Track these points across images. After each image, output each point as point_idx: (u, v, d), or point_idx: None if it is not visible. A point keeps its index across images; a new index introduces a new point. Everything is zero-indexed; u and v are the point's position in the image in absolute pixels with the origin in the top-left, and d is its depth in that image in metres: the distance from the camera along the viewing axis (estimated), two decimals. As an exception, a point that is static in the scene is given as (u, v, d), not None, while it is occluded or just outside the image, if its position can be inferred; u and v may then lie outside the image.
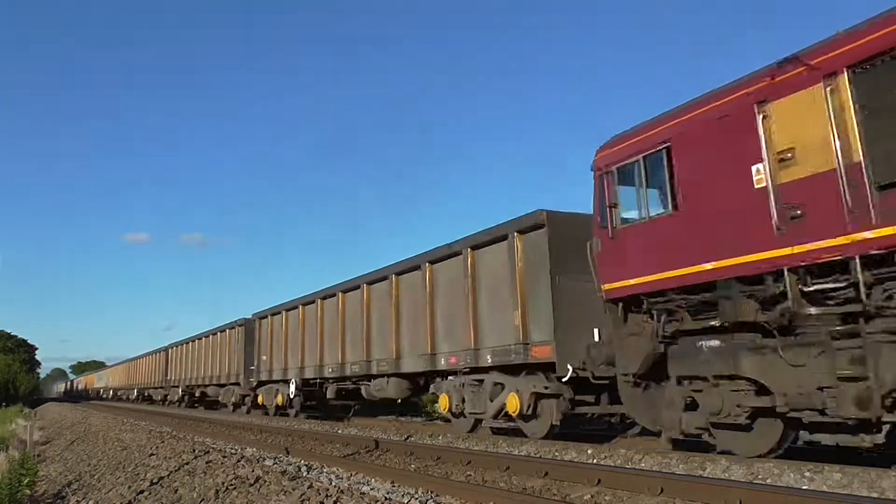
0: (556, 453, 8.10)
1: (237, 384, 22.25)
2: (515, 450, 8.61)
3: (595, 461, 7.39)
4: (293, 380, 17.41)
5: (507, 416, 9.79)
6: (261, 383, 20.08)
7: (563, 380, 8.79)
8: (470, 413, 10.66)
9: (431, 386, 12.10)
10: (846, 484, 5.35)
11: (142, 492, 6.70)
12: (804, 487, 5.40)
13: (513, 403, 9.42)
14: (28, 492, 7.49)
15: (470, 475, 7.02)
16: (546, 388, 9.11)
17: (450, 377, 11.35)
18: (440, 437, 10.70)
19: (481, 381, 10.43)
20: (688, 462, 6.70)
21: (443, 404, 11.22)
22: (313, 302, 16.99)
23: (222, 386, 24.24)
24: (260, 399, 19.96)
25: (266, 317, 20.28)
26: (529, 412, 9.34)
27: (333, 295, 15.94)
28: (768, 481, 5.73)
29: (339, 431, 12.82)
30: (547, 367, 9.09)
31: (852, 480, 5.38)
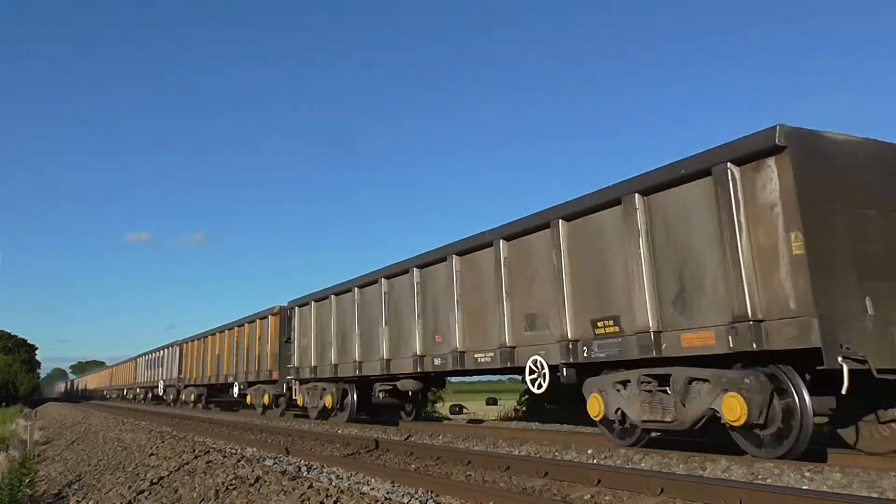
0: (556, 453, 8.10)
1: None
2: (515, 450, 8.62)
3: (595, 461, 7.39)
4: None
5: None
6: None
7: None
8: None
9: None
10: (846, 484, 5.35)
11: (142, 492, 6.70)
12: (804, 487, 5.40)
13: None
14: (28, 492, 7.49)
15: (470, 475, 7.02)
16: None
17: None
18: (440, 437, 10.71)
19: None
20: (688, 462, 6.70)
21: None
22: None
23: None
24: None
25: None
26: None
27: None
28: (768, 481, 5.73)
29: (339, 431, 12.82)
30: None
31: (852, 480, 5.38)
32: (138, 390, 41.63)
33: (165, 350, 33.81)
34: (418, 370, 11.67)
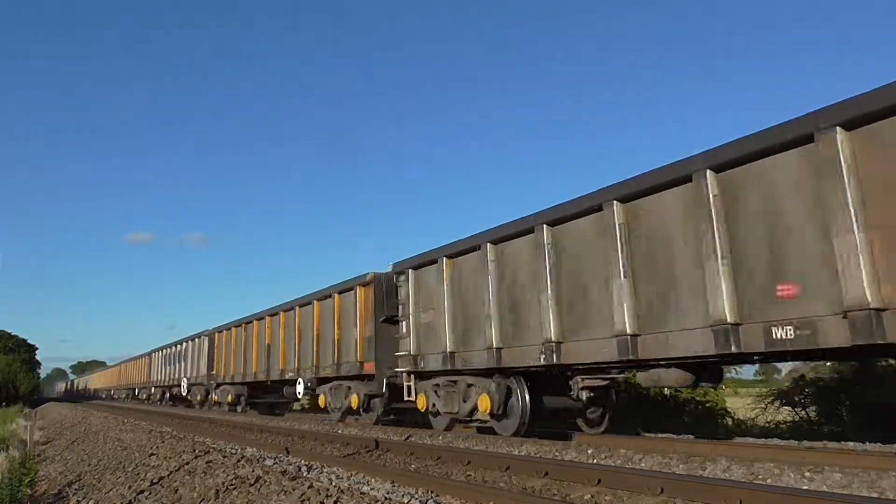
0: (556, 453, 8.10)
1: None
2: (515, 450, 8.62)
3: (595, 461, 7.40)
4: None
5: None
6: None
7: None
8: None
9: None
10: (846, 484, 5.36)
11: (142, 492, 6.70)
12: (804, 487, 5.40)
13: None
14: (28, 491, 7.49)
15: (470, 475, 7.02)
16: None
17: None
18: (440, 437, 10.70)
19: None
20: (688, 462, 6.71)
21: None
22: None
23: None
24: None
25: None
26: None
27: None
28: (768, 481, 5.74)
29: (339, 431, 12.82)
30: None
31: (852, 480, 5.39)
32: (153, 390, 36.70)
33: (190, 342, 28.27)
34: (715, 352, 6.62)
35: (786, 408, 12.69)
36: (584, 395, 9.37)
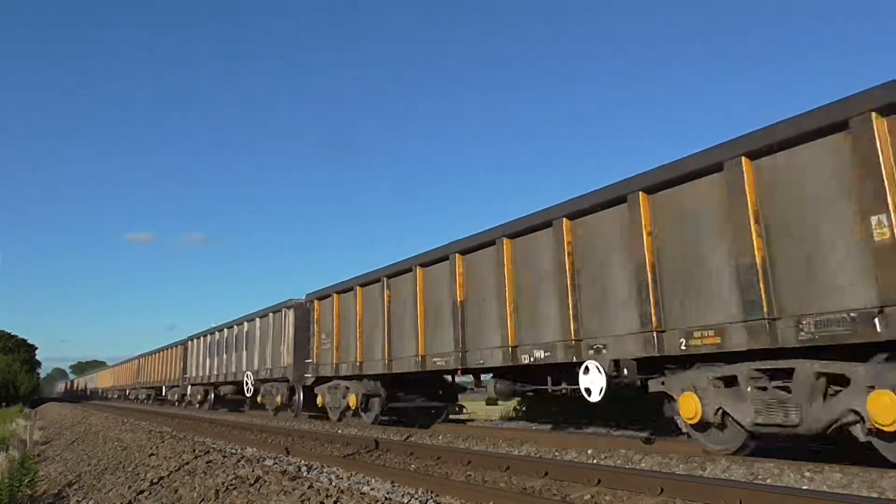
0: (556, 453, 8.10)
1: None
2: (515, 450, 8.62)
3: (595, 461, 7.39)
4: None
5: None
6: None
7: None
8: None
9: None
10: (846, 484, 5.35)
11: (142, 492, 6.70)
12: (804, 487, 5.40)
13: None
14: (28, 491, 7.49)
15: (470, 475, 7.02)
16: None
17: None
18: (440, 437, 10.70)
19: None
20: (688, 462, 6.70)
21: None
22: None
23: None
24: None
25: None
26: None
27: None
28: (768, 481, 5.73)
29: (339, 431, 12.82)
30: None
31: (852, 480, 5.38)
32: (190, 389, 28.13)
33: (260, 319, 19.98)
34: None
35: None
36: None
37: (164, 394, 34.64)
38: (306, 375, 16.55)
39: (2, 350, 67.65)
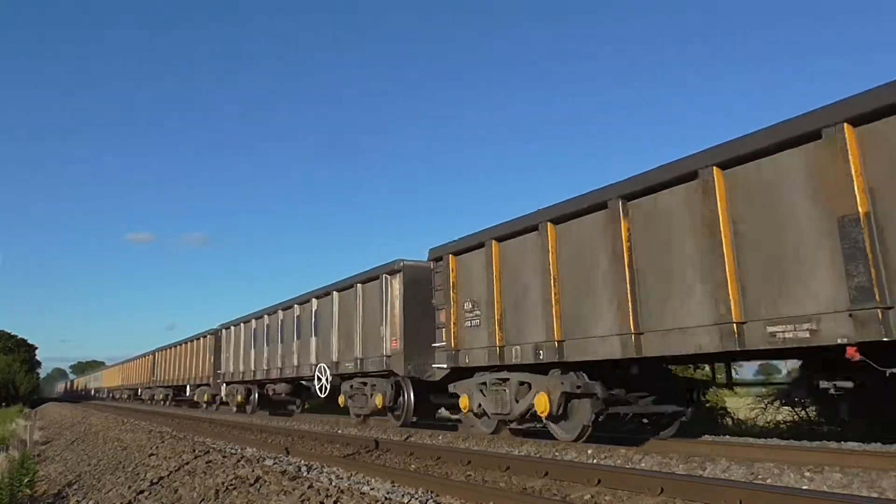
0: (556, 453, 8.10)
1: None
2: (515, 450, 8.62)
3: (595, 461, 7.39)
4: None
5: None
6: None
7: None
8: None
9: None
10: (846, 484, 5.35)
11: (142, 492, 6.70)
12: (804, 487, 5.40)
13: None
14: (28, 491, 7.49)
15: (470, 475, 7.02)
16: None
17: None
18: (440, 437, 10.70)
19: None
20: (688, 462, 6.70)
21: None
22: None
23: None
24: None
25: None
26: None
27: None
28: (768, 481, 5.73)
29: (339, 431, 12.83)
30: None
31: (852, 480, 5.38)
32: (226, 389, 22.79)
33: (338, 293, 15.22)
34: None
35: (786, 408, 12.69)
36: None
37: (187, 394, 29.19)
38: (433, 366, 11.52)
39: (2, 350, 67.65)
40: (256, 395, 20.74)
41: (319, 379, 15.14)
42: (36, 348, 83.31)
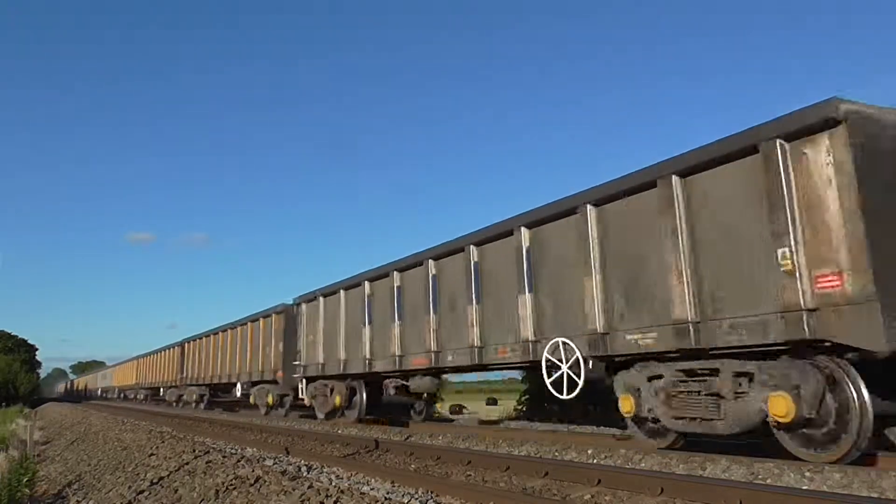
0: (556, 453, 8.10)
1: None
2: (515, 450, 8.61)
3: (595, 461, 7.39)
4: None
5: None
6: None
7: None
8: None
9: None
10: (846, 484, 5.35)
11: (142, 492, 6.70)
12: (804, 487, 5.40)
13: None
14: (28, 491, 7.49)
15: (470, 475, 7.02)
16: None
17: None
18: (440, 437, 10.70)
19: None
20: (688, 462, 6.70)
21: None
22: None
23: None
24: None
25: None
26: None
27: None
28: (768, 481, 5.73)
29: (339, 431, 12.82)
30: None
31: (852, 480, 5.38)
32: (317, 389, 15.60)
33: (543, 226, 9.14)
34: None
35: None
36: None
37: (238, 393, 21.72)
38: None
39: (2, 350, 67.70)
40: (364, 395, 14.21)
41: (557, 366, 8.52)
42: (36, 348, 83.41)
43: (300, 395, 16.47)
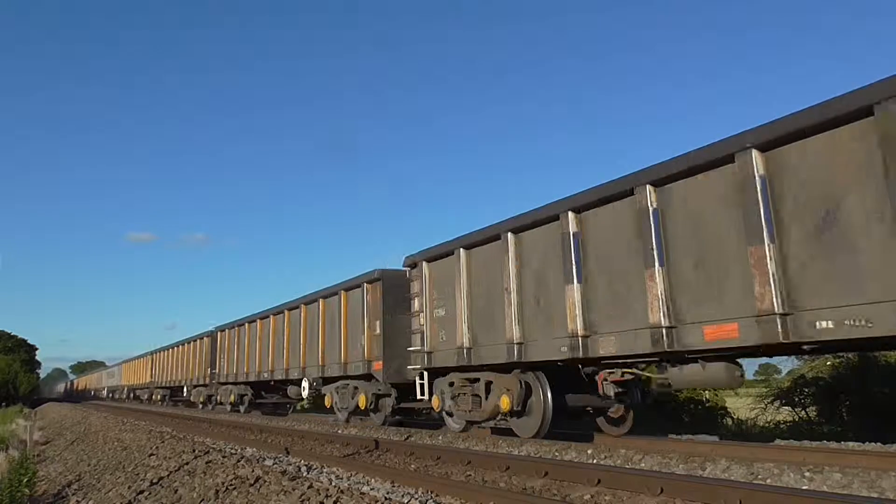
0: (556, 453, 8.10)
1: None
2: (515, 450, 8.62)
3: (595, 461, 7.39)
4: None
5: None
6: None
7: None
8: None
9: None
10: (846, 484, 5.35)
11: (142, 492, 6.70)
12: (804, 487, 5.40)
13: None
14: (28, 491, 7.49)
15: (470, 475, 7.02)
16: None
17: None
18: (440, 437, 10.70)
19: None
20: (688, 462, 6.70)
21: None
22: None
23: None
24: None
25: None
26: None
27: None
28: (768, 481, 5.73)
29: (339, 431, 12.82)
30: None
31: (852, 480, 5.38)
32: (459, 385, 10.64)
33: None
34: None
35: (786, 408, 12.70)
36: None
37: (304, 393, 16.80)
38: None
39: (2, 350, 67.68)
40: (549, 396, 9.51)
41: None
42: (36, 348, 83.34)
43: (420, 395, 11.70)
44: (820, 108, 5.94)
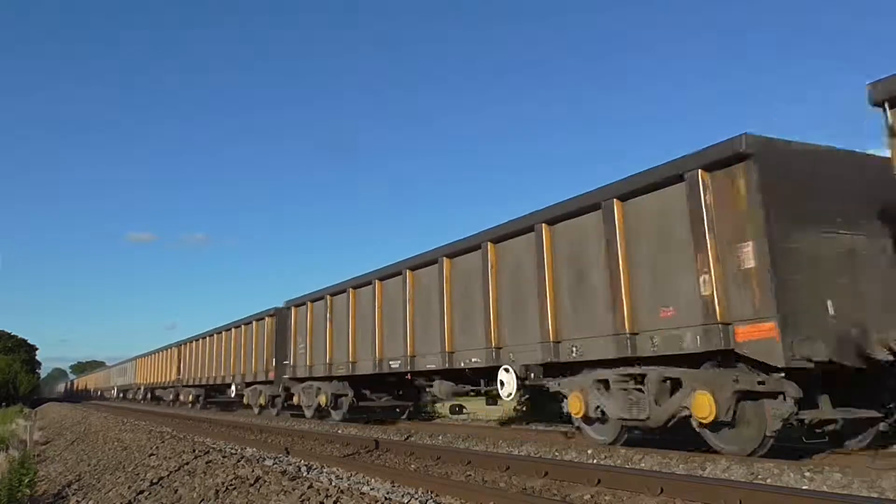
0: (556, 453, 8.10)
1: None
2: (515, 450, 8.61)
3: (595, 461, 7.39)
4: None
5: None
6: None
7: None
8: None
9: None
10: (846, 484, 5.35)
11: (142, 492, 6.70)
12: (804, 487, 5.40)
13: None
14: (28, 492, 7.50)
15: (470, 475, 7.02)
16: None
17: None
18: (440, 437, 10.70)
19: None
20: (688, 462, 6.69)
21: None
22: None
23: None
24: None
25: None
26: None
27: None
28: (768, 481, 5.73)
29: (339, 431, 12.82)
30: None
31: (852, 480, 5.38)
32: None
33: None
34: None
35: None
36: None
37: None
38: None
39: (2, 350, 67.67)
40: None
41: None
42: (36, 348, 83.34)
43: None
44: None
